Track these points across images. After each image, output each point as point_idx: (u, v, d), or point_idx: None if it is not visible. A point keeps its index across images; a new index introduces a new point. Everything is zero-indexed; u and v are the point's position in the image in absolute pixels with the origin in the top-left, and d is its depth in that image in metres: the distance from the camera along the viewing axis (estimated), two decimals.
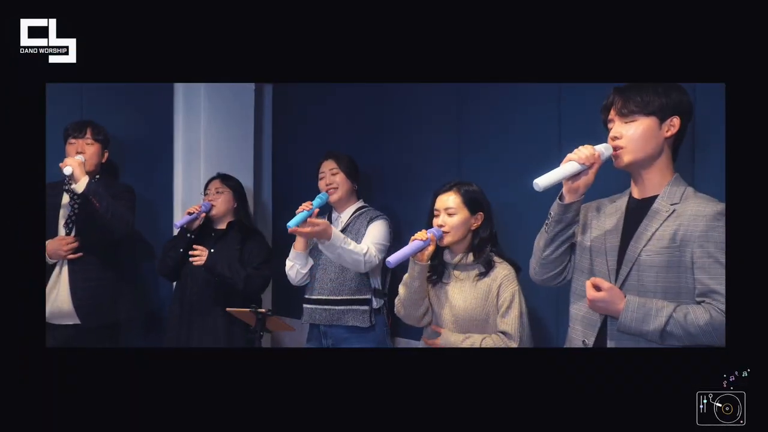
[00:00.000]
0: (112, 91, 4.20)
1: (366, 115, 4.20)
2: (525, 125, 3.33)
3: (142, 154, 4.40)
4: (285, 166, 4.84)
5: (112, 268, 3.79)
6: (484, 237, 2.96)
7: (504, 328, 2.82)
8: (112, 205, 3.58)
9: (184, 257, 3.86)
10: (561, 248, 2.39)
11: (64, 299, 3.64)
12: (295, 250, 3.61)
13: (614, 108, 2.28)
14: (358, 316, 3.56)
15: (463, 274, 2.96)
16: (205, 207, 3.92)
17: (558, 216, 2.33)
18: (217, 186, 4.01)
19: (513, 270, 2.91)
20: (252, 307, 3.38)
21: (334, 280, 3.60)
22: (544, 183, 2.22)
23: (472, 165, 3.54)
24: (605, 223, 2.35)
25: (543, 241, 2.40)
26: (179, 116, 4.52)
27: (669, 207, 2.20)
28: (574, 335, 2.38)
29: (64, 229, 3.69)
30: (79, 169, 3.51)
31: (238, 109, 4.63)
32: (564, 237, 2.37)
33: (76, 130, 3.73)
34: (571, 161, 2.23)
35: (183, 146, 4.52)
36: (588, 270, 2.35)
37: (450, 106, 3.69)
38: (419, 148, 3.87)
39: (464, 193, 2.96)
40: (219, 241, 3.94)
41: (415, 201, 3.79)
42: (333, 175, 3.70)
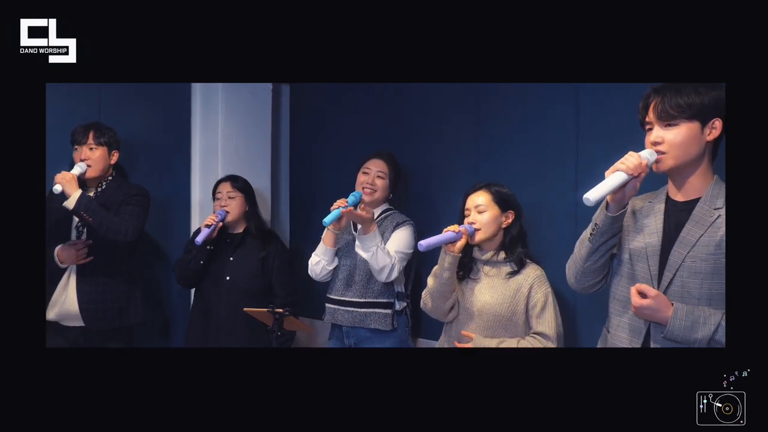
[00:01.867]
0: (129, 91, 4.21)
1: (383, 116, 4.19)
2: (542, 126, 3.32)
3: (160, 154, 4.41)
4: (302, 166, 4.84)
5: (121, 274, 3.78)
6: (515, 235, 3.00)
7: (541, 329, 2.85)
8: (105, 219, 3.56)
9: (204, 268, 3.90)
10: (604, 258, 2.34)
11: (72, 302, 3.65)
12: (324, 245, 3.60)
13: (653, 110, 2.23)
14: (381, 320, 3.56)
15: (493, 271, 3.00)
16: (220, 216, 3.89)
17: (605, 227, 2.25)
18: (228, 190, 3.99)
19: (543, 271, 2.94)
20: (269, 307, 3.37)
21: (359, 283, 3.59)
22: (595, 197, 2.12)
23: (490, 166, 3.54)
24: (643, 225, 2.31)
25: (585, 251, 2.33)
26: (197, 117, 4.53)
27: (713, 212, 2.16)
28: (616, 342, 2.34)
29: (74, 232, 3.70)
30: (70, 184, 3.49)
31: (256, 109, 4.63)
32: (608, 246, 2.31)
33: (79, 135, 3.72)
34: (618, 171, 2.15)
35: (200, 147, 4.53)
36: (629, 275, 2.31)
37: (468, 106, 3.68)
38: (437, 148, 3.86)
39: (494, 192, 3.01)
40: (238, 249, 3.95)
41: (433, 201, 3.82)
42: (379, 178, 3.66)
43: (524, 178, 3.30)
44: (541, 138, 3.32)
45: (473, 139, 3.65)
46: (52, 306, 3.65)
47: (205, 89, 4.50)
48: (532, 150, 3.35)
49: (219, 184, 4.05)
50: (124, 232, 3.63)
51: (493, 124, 3.57)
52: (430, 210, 3.84)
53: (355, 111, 4.40)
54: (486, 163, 3.57)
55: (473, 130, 3.65)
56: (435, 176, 3.87)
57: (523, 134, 3.42)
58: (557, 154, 3.24)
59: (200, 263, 3.90)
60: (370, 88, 4.19)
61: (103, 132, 3.75)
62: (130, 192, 3.78)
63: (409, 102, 4.01)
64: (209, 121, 4.51)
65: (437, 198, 3.83)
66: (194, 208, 4.53)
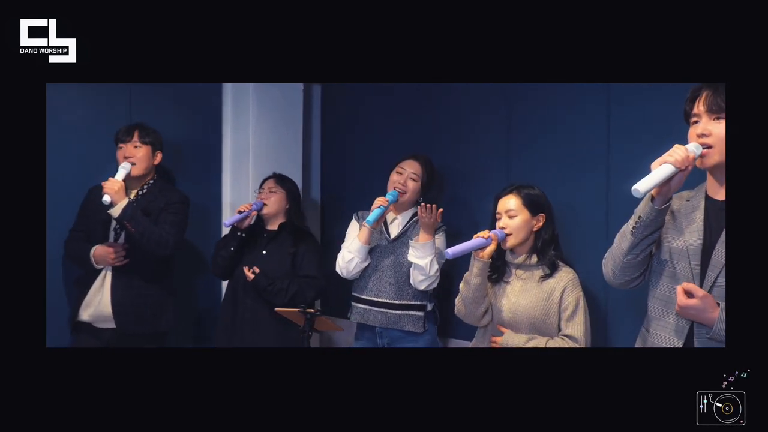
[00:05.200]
0: (159, 92, 4.26)
1: (414, 116, 4.19)
2: (574, 126, 3.32)
3: (191, 155, 4.45)
4: (334, 166, 4.85)
5: (157, 278, 3.80)
6: (546, 238, 3.00)
7: (570, 332, 2.85)
8: (147, 230, 3.60)
9: (236, 256, 3.91)
10: (645, 252, 2.30)
11: (106, 303, 3.67)
12: (359, 242, 3.59)
13: (702, 102, 2.18)
14: (414, 322, 3.57)
15: (526, 274, 3.00)
16: (256, 206, 3.92)
17: (649, 220, 2.21)
18: (271, 186, 4.01)
19: (576, 275, 2.93)
20: (300, 307, 3.39)
21: (393, 284, 3.59)
22: (645, 188, 2.09)
23: (521, 166, 3.53)
24: (683, 224, 2.26)
25: (627, 245, 2.28)
26: (228, 117, 4.57)
27: None
28: (656, 341, 2.31)
29: (112, 233, 3.73)
30: (119, 194, 3.53)
31: (287, 109, 4.64)
32: (650, 240, 2.27)
33: (124, 134, 3.77)
34: (666, 164, 2.10)
35: (232, 147, 4.57)
36: (670, 274, 2.28)
37: (499, 106, 3.67)
38: (468, 149, 3.86)
39: (524, 195, 3.01)
40: (270, 243, 3.96)
41: (464, 201, 3.83)
42: (411, 180, 3.66)
43: (555, 179, 3.30)
44: (572, 138, 3.32)
45: (504, 140, 3.64)
46: (86, 307, 3.69)
47: (236, 90, 4.54)
48: (564, 151, 3.35)
49: (266, 180, 4.08)
50: (164, 244, 3.67)
51: (524, 124, 3.57)
52: (462, 211, 3.83)
53: (386, 111, 4.40)
54: (517, 164, 3.56)
55: (504, 130, 3.64)
56: (466, 177, 3.86)
57: (554, 135, 3.41)
58: (588, 155, 3.23)
59: (230, 249, 3.92)
60: (401, 89, 4.19)
61: (147, 131, 3.81)
62: (171, 199, 3.81)
63: (439, 102, 4.01)
64: (240, 122, 4.54)
65: (468, 199, 3.83)
66: (225, 208, 4.57)
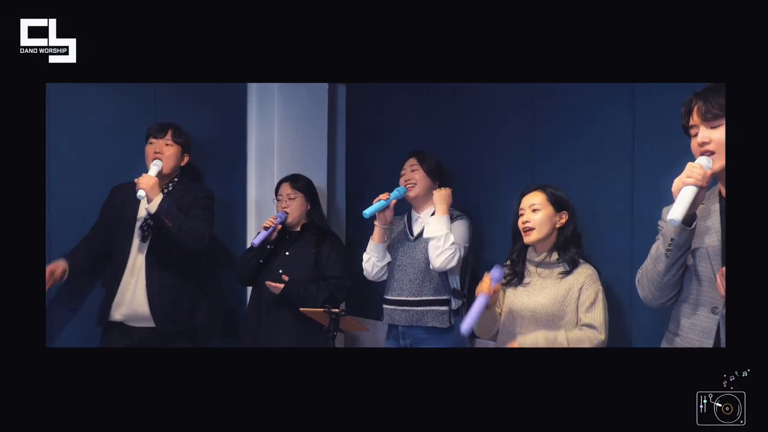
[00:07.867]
0: (185, 92, 4.26)
1: (439, 115, 4.17)
2: (598, 126, 3.29)
3: (216, 155, 4.45)
4: (359, 166, 4.84)
5: (191, 275, 3.82)
6: (569, 236, 3.00)
7: (589, 321, 2.86)
8: (184, 224, 3.61)
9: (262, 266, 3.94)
10: (681, 270, 2.33)
11: (141, 303, 3.67)
12: (372, 242, 3.64)
13: (697, 113, 2.23)
14: (438, 317, 3.56)
15: (546, 272, 3.01)
16: (280, 218, 3.92)
17: (682, 240, 2.24)
18: (288, 191, 4.01)
19: (595, 270, 2.94)
20: (326, 307, 3.39)
21: (414, 281, 3.60)
22: (680, 215, 2.13)
23: (545, 167, 3.52)
24: (701, 227, 2.29)
25: (663, 266, 2.31)
26: (252, 117, 4.58)
27: None
28: (686, 343, 2.33)
29: (138, 232, 3.75)
30: (153, 190, 3.55)
31: (312, 109, 4.63)
32: (684, 259, 2.31)
33: (157, 131, 3.79)
34: (687, 186, 2.15)
35: (256, 147, 4.58)
36: (694, 276, 2.31)
37: (523, 107, 3.65)
38: (492, 149, 3.84)
39: (549, 192, 3.03)
40: (294, 244, 3.97)
41: (489, 200, 3.82)
42: (412, 171, 3.70)
43: (580, 179, 3.29)
44: (596, 139, 3.30)
45: (529, 140, 3.62)
46: (117, 306, 3.68)
47: (261, 90, 4.54)
48: (588, 151, 3.33)
49: (280, 185, 4.07)
50: (200, 237, 3.69)
51: (548, 124, 3.54)
52: (486, 211, 3.81)
53: (411, 111, 4.39)
54: (542, 165, 3.54)
55: (529, 131, 3.62)
56: (491, 177, 3.84)
57: (578, 135, 3.39)
58: (613, 155, 3.21)
59: (260, 261, 3.93)
60: (426, 88, 4.17)
61: (180, 132, 3.85)
62: (198, 195, 3.84)
63: (464, 102, 3.99)
64: (265, 122, 4.54)
65: (493, 199, 3.80)
66: (250, 207, 4.57)
